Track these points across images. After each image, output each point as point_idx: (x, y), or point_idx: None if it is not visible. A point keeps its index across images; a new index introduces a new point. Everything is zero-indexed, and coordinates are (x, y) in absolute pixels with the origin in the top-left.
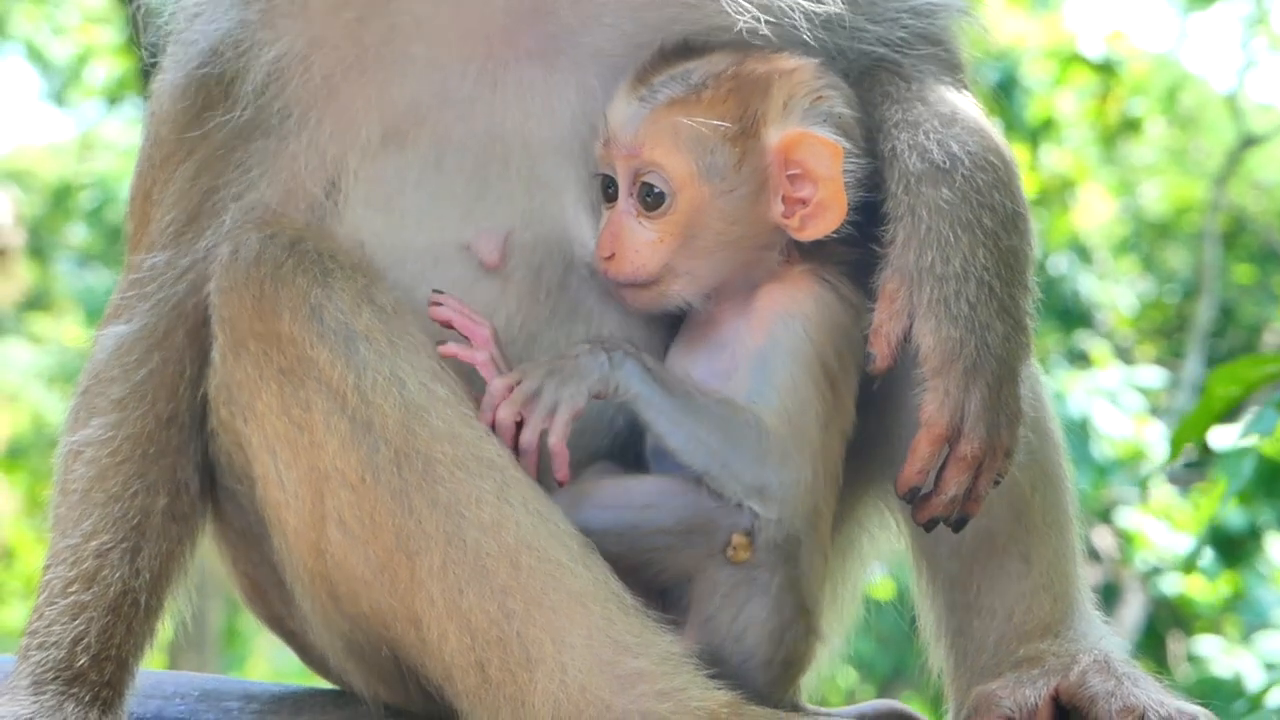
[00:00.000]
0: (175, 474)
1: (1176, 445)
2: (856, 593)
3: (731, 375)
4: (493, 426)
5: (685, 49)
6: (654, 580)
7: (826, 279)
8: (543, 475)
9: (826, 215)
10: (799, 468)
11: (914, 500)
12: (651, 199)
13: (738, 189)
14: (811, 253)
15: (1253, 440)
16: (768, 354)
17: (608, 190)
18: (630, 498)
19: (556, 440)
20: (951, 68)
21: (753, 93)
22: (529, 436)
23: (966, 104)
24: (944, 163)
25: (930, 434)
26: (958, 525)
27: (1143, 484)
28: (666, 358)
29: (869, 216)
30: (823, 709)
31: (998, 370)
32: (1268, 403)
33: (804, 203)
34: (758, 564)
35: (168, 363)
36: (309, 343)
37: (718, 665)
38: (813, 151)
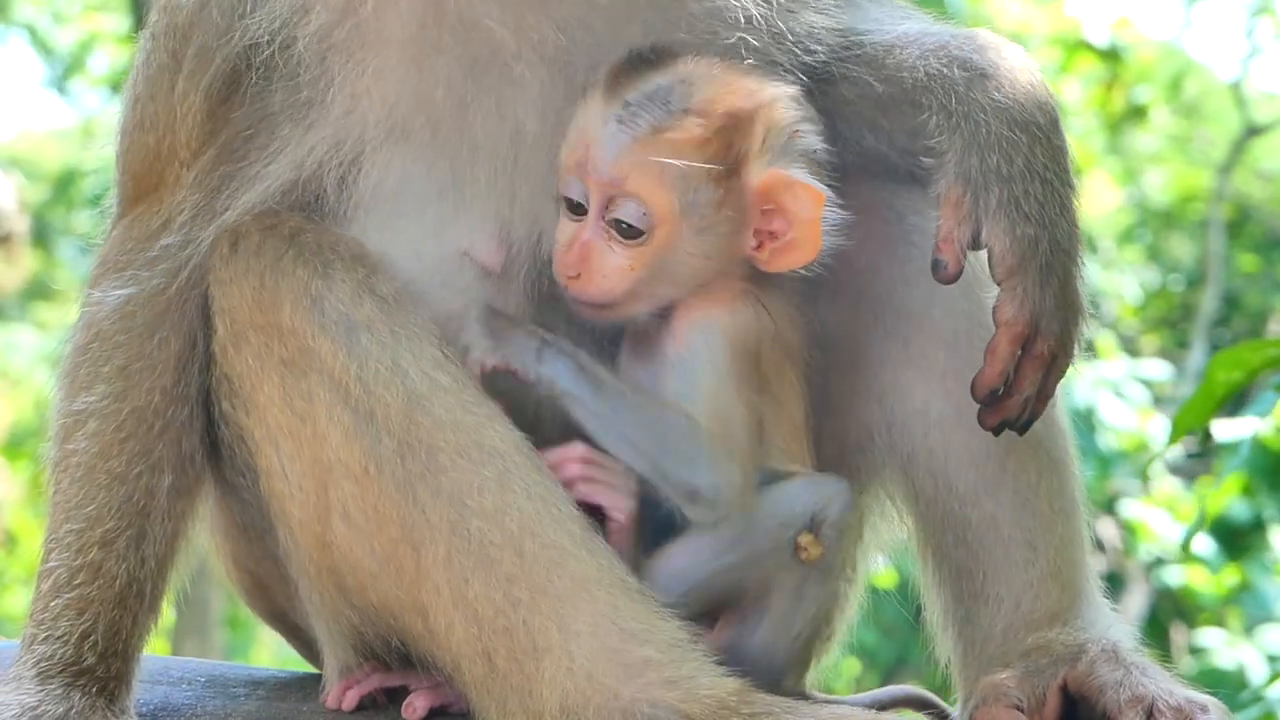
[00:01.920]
0: (180, 448)
1: (1177, 431)
2: (862, 576)
3: (662, 384)
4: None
5: (654, 54)
6: (738, 603)
7: (747, 292)
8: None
9: (798, 253)
10: (729, 471)
11: (992, 403)
12: (629, 229)
13: (717, 225)
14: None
15: (1255, 423)
16: (688, 363)
17: (572, 202)
18: (703, 554)
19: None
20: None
21: (736, 129)
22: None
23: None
24: (987, 68)
25: (1010, 334)
26: (1024, 427)
27: (1143, 472)
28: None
29: None
30: (834, 697)
31: (1067, 266)
32: (1268, 386)
33: (774, 236)
34: (828, 552)
35: (177, 334)
36: (310, 334)
37: (743, 649)
38: (794, 196)
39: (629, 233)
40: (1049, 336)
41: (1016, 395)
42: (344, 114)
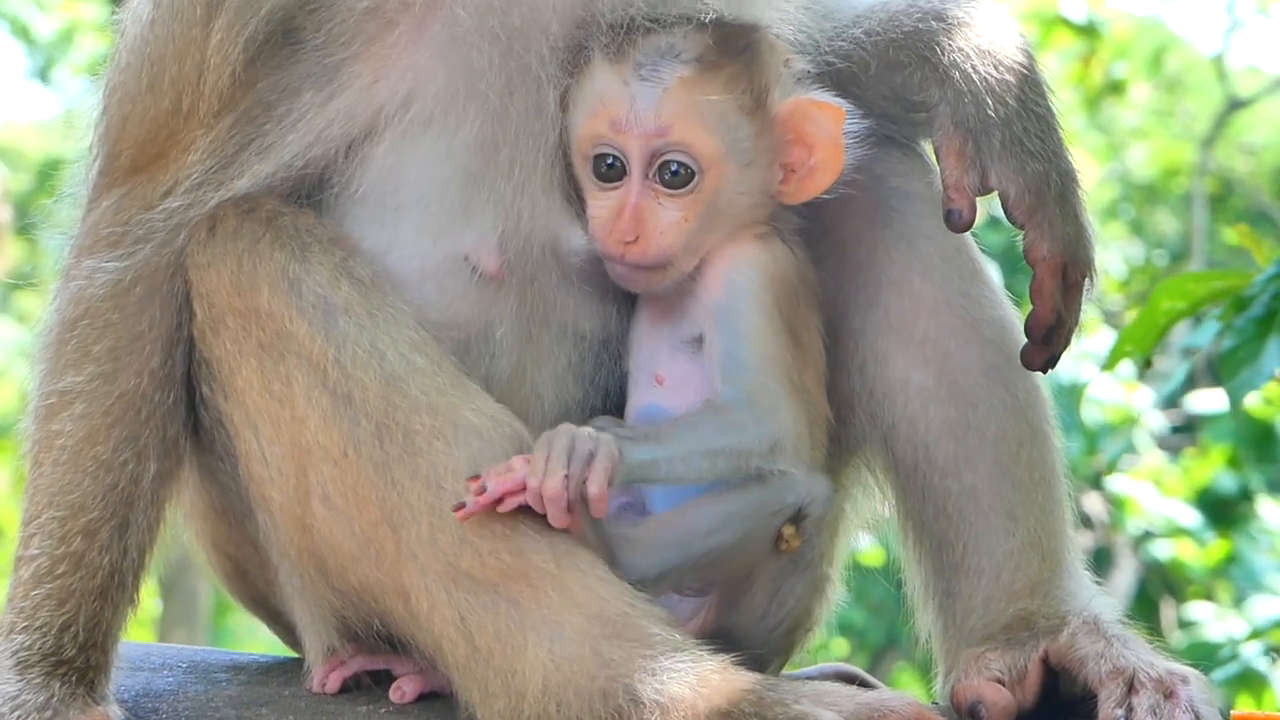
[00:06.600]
0: (165, 433)
1: (1115, 355)
2: (841, 561)
3: (702, 340)
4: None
5: (643, 23)
6: (716, 589)
7: (774, 231)
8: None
9: (820, 177)
10: (790, 407)
11: (1047, 341)
12: (678, 178)
13: (757, 160)
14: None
15: (1200, 343)
16: (730, 305)
17: (604, 170)
18: (694, 528)
19: (599, 489)
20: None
21: (754, 65)
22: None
23: None
24: (964, 16)
25: (1051, 269)
26: (1057, 360)
27: (1086, 434)
28: (630, 342)
29: None
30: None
31: (1076, 192)
32: (1208, 315)
33: (794, 168)
34: (805, 546)
35: (167, 312)
36: (288, 317)
37: (734, 636)
38: (815, 119)
39: (679, 182)
40: (1081, 263)
41: (1064, 326)
42: (370, 84)
